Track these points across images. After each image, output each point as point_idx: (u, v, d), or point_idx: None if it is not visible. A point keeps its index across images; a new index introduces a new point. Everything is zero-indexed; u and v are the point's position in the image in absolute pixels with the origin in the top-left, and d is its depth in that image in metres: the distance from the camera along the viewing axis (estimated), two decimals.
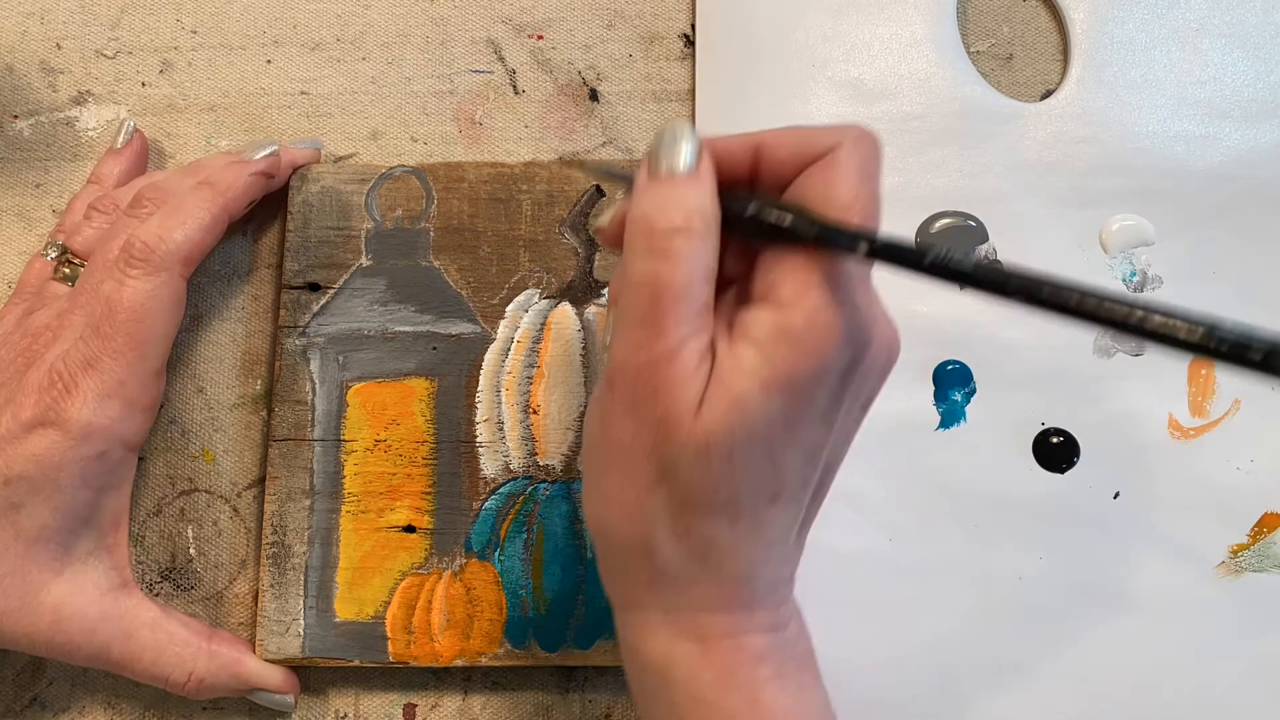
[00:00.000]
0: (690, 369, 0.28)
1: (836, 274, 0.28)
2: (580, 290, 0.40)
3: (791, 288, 0.28)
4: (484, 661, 0.38)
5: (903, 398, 0.40)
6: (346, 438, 0.39)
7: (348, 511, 0.39)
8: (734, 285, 0.31)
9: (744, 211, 0.29)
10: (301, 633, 0.38)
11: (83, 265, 0.39)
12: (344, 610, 0.38)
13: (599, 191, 0.41)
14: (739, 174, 0.30)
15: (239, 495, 0.41)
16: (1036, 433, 0.40)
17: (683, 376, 0.28)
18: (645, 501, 0.29)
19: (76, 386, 0.35)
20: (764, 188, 0.30)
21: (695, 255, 0.28)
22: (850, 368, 0.28)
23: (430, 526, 0.39)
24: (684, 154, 0.29)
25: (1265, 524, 0.39)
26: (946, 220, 0.41)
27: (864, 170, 0.29)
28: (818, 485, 0.31)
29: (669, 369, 0.28)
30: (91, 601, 0.36)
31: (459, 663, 0.38)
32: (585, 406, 0.39)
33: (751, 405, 0.27)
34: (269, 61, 0.44)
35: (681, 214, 0.28)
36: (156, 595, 0.40)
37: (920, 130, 0.42)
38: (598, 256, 0.40)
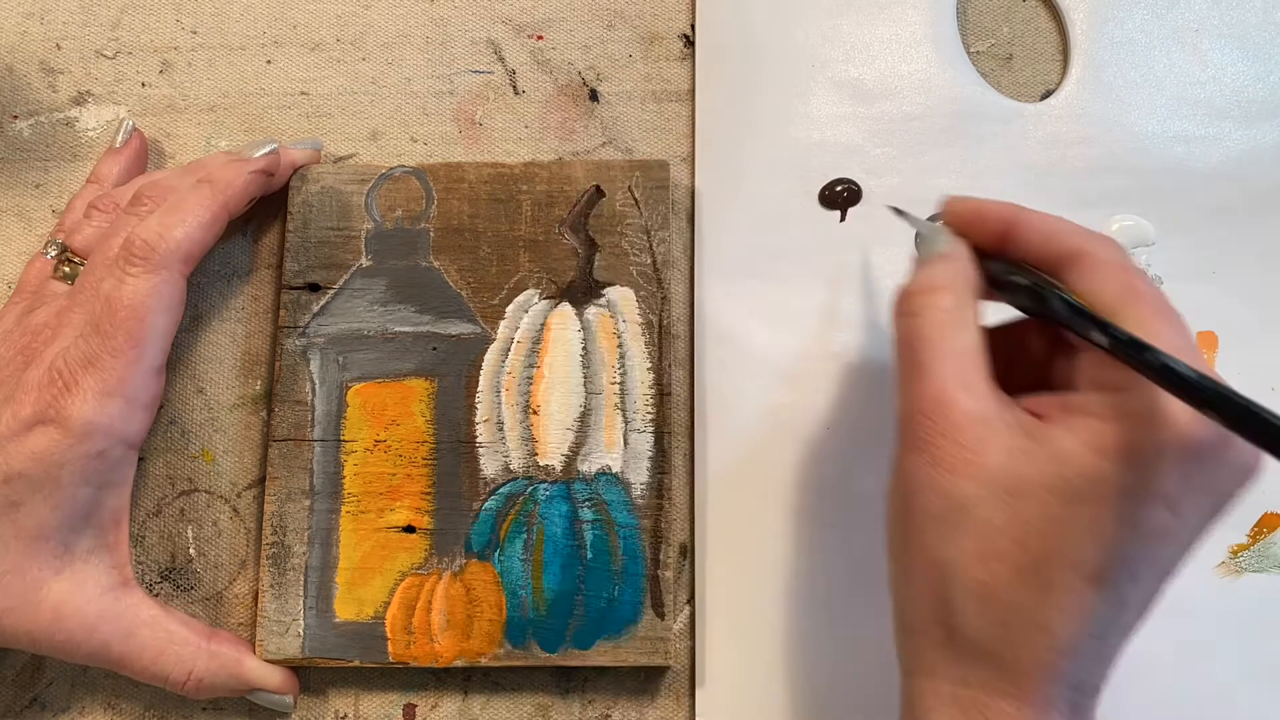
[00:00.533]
0: (971, 404, 0.29)
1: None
2: (580, 291, 0.40)
3: (1122, 375, 0.27)
4: (484, 662, 0.38)
5: None
6: (346, 438, 0.39)
7: (348, 512, 0.39)
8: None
9: (1019, 283, 0.31)
10: (301, 633, 0.38)
11: (82, 264, 0.39)
12: (344, 610, 0.38)
13: (599, 192, 0.41)
14: (988, 239, 0.33)
15: (239, 495, 0.41)
16: None
17: (962, 409, 0.29)
18: (943, 547, 0.28)
19: (76, 384, 0.35)
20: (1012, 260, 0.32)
21: (942, 307, 0.30)
22: (1198, 453, 0.27)
23: (430, 527, 0.39)
24: (935, 244, 0.33)
25: (1265, 524, 0.39)
26: None
27: (1131, 284, 0.29)
28: (1153, 597, 0.28)
29: (943, 403, 0.29)
30: (91, 599, 0.36)
31: (459, 663, 0.38)
32: (584, 408, 0.39)
33: (1078, 462, 0.27)
34: (269, 61, 0.44)
35: (927, 281, 0.31)
36: (156, 595, 0.40)
37: (920, 130, 0.42)
38: (598, 257, 0.40)
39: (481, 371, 0.40)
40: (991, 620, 0.27)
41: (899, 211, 0.38)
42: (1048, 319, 0.30)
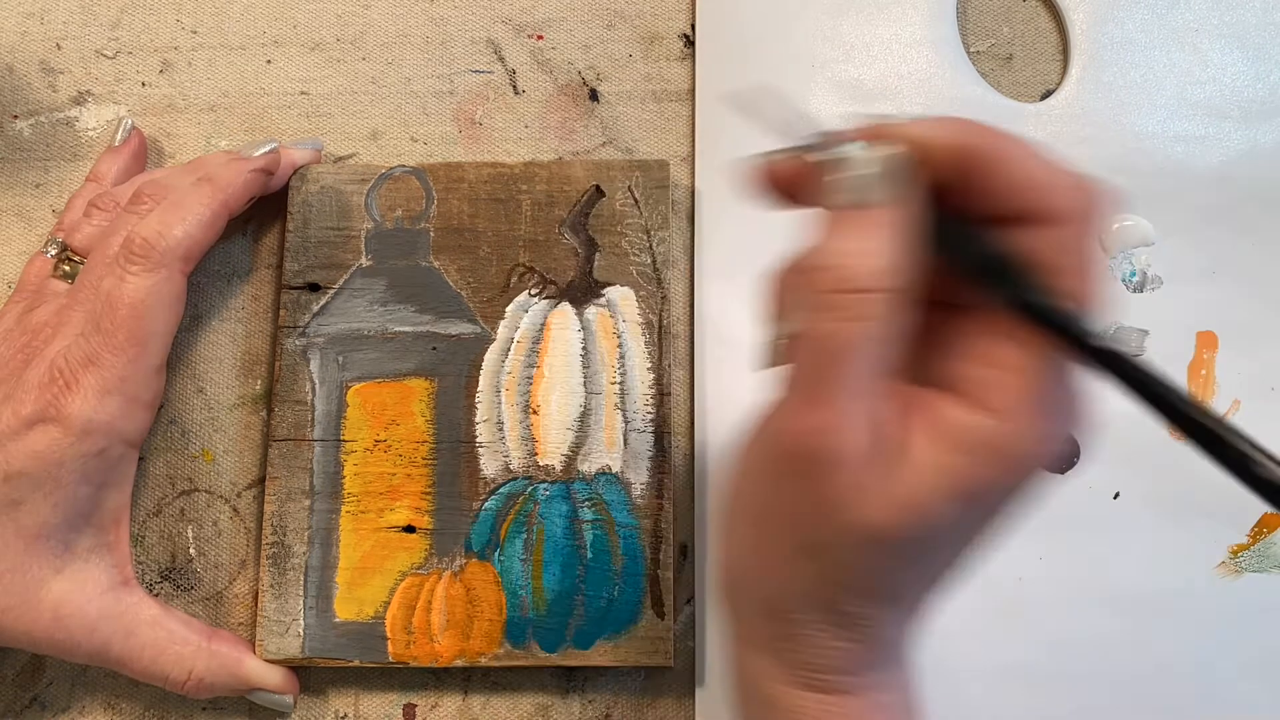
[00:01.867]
0: (856, 448, 0.24)
1: (1061, 383, 0.24)
2: (580, 290, 0.40)
3: (1005, 396, 0.24)
4: (484, 661, 0.38)
5: None
6: (346, 438, 0.39)
7: (348, 511, 0.39)
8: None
9: (967, 256, 0.24)
10: (301, 633, 0.38)
11: (82, 263, 0.39)
12: (344, 610, 0.38)
13: (599, 191, 0.41)
14: (935, 177, 0.24)
15: (239, 495, 0.41)
16: None
17: (847, 455, 0.24)
18: (786, 568, 0.27)
19: (77, 383, 0.35)
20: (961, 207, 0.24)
21: (882, 319, 0.23)
22: (1029, 483, 0.25)
23: (430, 526, 0.39)
24: (878, 180, 0.23)
25: (1265, 524, 0.39)
26: None
27: (1088, 277, 0.24)
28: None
29: (831, 444, 0.24)
30: (92, 599, 0.36)
31: (459, 663, 0.38)
32: (584, 408, 0.39)
33: (934, 512, 0.24)
34: (269, 61, 0.44)
35: (870, 273, 0.23)
36: (156, 595, 0.40)
37: None
38: (598, 256, 0.40)
39: (481, 371, 0.40)
40: (834, 625, 0.27)
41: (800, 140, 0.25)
42: (1001, 299, 0.24)
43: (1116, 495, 0.40)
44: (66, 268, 0.39)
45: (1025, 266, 0.24)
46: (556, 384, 0.40)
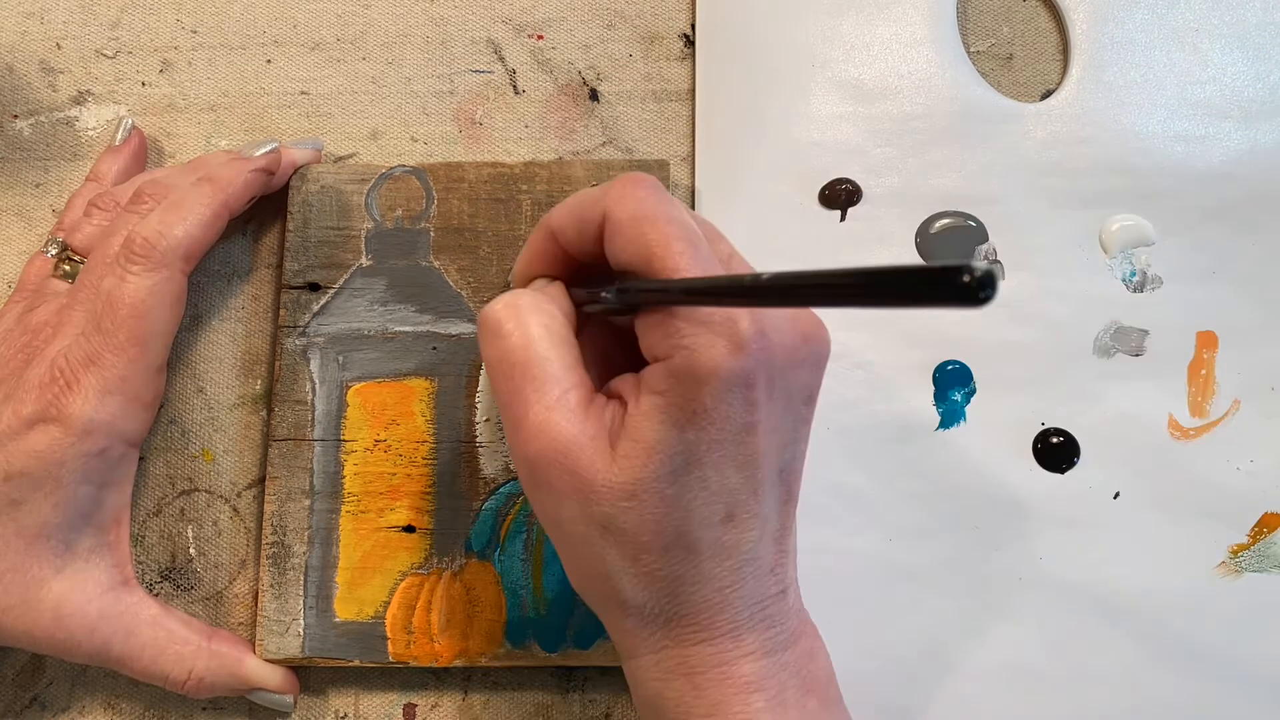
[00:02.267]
0: (576, 430, 0.29)
1: (692, 311, 0.28)
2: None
3: (662, 338, 0.29)
4: (484, 661, 0.38)
5: (902, 398, 0.40)
6: (346, 438, 0.39)
7: (348, 511, 0.39)
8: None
9: (586, 299, 0.32)
10: (301, 633, 0.38)
11: (82, 262, 0.39)
12: (344, 610, 0.38)
13: None
14: (575, 253, 0.32)
15: (239, 495, 0.41)
16: (1036, 433, 0.40)
17: (572, 439, 0.29)
18: (599, 560, 0.30)
19: (78, 382, 0.35)
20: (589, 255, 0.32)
21: (525, 326, 0.30)
22: (752, 375, 0.28)
23: (430, 526, 0.39)
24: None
25: (1265, 524, 0.39)
26: (946, 220, 0.42)
27: (638, 224, 0.29)
28: (781, 491, 0.31)
29: (551, 435, 0.29)
30: (92, 598, 0.36)
31: (459, 663, 0.38)
32: None
33: (665, 444, 0.28)
34: (269, 61, 0.44)
35: (513, 300, 0.31)
36: (156, 595, 0.40)
37: (920, 130, 0.42)
38: None
39: (481, 371, 0.40)
40: (661, 595, 0.30)
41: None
42: (616, 312, 0.32)
43: (1116, 495, 0.40)
44: (67, 267, 0.39)
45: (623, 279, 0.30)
46: None
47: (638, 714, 0.32)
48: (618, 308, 0.31)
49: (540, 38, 0.44)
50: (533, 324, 0.30)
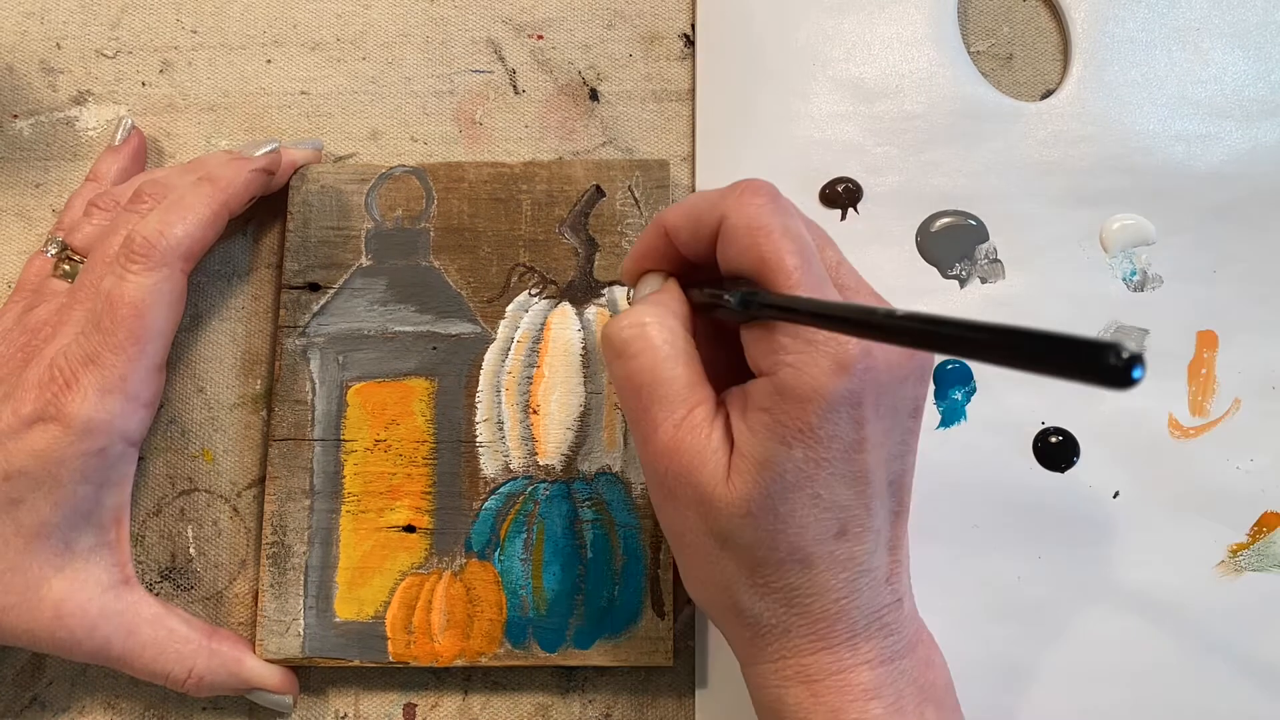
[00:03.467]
0: (701, 445, 0.30)
1: (798, 327, 0.29)
2: (580, 290, 0.40)
3: (767, 352, 0.29)
4: (484, 661, 0.38)
5: None
6: (346, 438, 0.39)
7: (348, 511, 0.39)
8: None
9: (705, 302, 0.32)
10: (301, 632, 0.38)
11: (82, 262, 0.39)
12: (344, 610, 0.38)
13: (599, 191, 0.41)
14: (686, 252, 0.33)
15: (239, 495, 0.41)
16: (1036, 432, 0.40)
17: (697, 454, 0.30)
18: (718, 571, 0.31)
19: (77, 381, 0.35)
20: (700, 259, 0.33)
21: (652, 346, 0.31)
22: (858, 394, 0.29)
23: (430, 526, 0.39)
24: (643, 291, 0.34)
25: (1265, 523, 0.39)
26: (947, 219, 0.41)
27: (753, 234, 0.30)
28: (893, 503, 0.31)
29: (679, 452, 0.30)
30: (92, 597, 0.36)
31: (459, 663, 0.38)
32: (584, 407, 0.39)
33: (776, 462, 0.29)
34: (269, 61, 0.44)
35: (634, 318, 0.32)
36: (156, 595, 0.40)
37: (921, 130, 0.42)
38: (598, 256, 0.40)
39: (481, 371, 0.40)
40: (778, 606, 0.30)
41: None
42: (737, 320, 0.31)
43: (1116, 495, 0.40)
44: (66, 267, 0.39)
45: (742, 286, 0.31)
46: (557, 384, 0.40)
47: (756, 717, 0.33)
48: (736, 312, 0.31)
49: (540, 38, 0.44)
50: (659, 342, 0.31)
